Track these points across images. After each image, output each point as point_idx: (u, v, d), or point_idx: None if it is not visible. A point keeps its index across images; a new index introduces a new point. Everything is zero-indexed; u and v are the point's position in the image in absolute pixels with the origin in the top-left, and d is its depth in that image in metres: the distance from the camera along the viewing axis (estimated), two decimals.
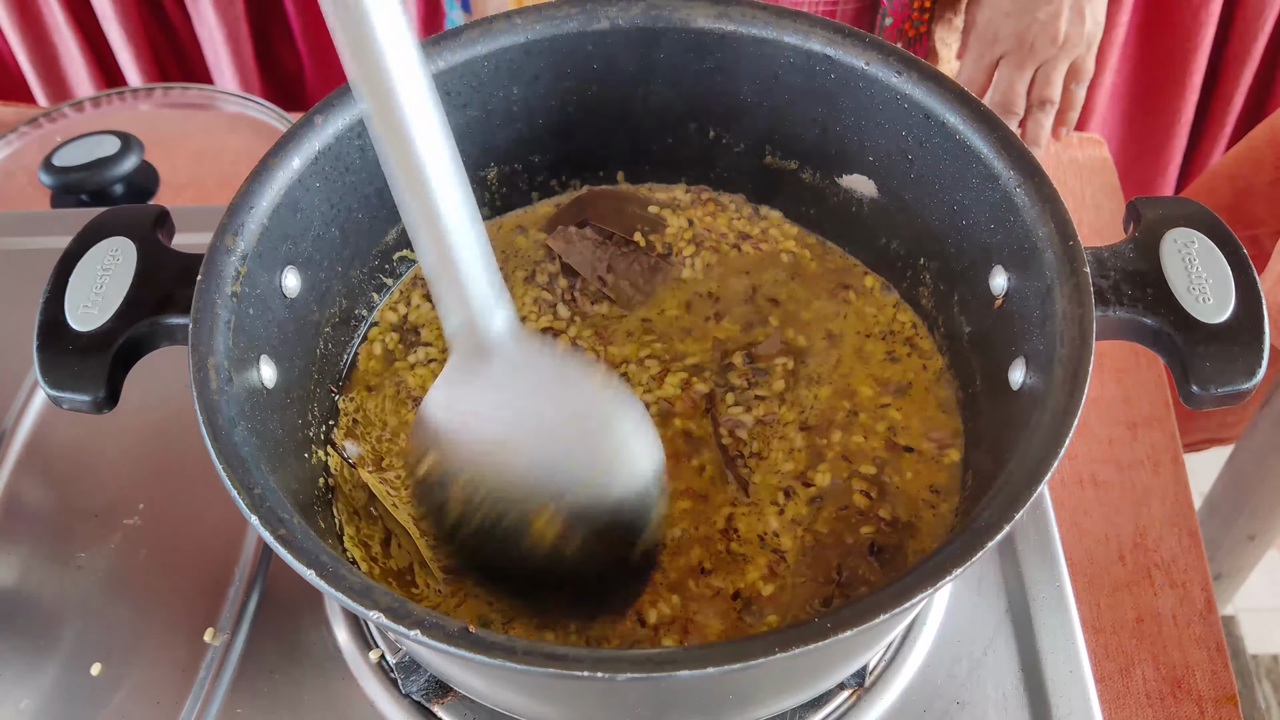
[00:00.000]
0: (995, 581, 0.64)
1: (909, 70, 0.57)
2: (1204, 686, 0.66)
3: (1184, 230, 0.52)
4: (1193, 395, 0.49)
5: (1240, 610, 1.61)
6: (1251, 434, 1.09)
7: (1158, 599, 0.70)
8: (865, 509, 0.56)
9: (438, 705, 0.59)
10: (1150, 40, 1.43)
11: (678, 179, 0.69)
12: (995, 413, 0.54)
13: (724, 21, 0.60)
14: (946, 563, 0.42)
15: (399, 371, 0.63)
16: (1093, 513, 0.74)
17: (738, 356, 0.62)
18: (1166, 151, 1.53)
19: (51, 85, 1.56)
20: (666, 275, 0.66)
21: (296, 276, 0.56)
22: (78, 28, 1.48)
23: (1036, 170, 0.52)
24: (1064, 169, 0.95)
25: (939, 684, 0.60)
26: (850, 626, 0.41)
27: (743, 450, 0.59)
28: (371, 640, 0.61)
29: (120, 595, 0.64)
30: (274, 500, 0.45)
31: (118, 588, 0.64)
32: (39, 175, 0.88)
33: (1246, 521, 1.15)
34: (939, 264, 0.61)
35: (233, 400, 0.48)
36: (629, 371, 0.62)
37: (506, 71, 0.61)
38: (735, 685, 0.49)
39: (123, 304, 0.51)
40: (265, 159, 0.54)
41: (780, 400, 0.60)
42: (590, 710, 0.53)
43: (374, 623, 0.44)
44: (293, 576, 0.43)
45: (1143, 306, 0.50)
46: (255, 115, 0.98)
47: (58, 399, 0.50)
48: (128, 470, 0.69)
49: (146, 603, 0.64)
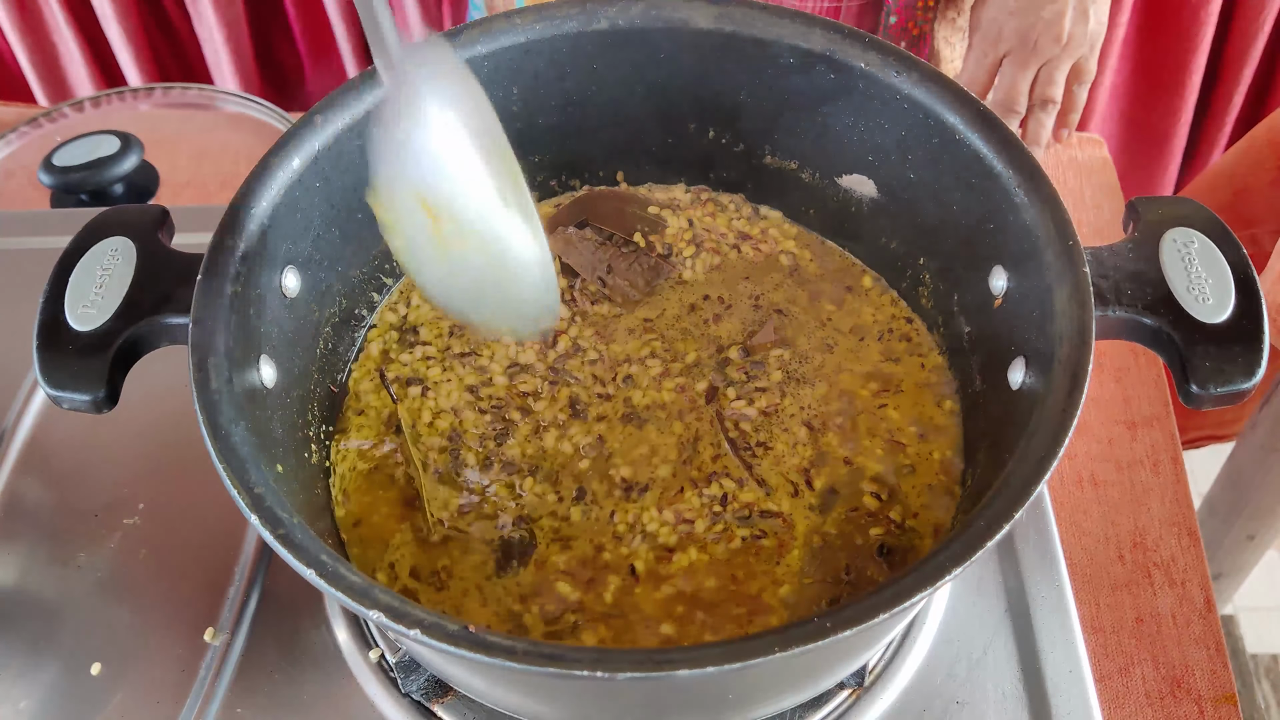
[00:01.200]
0: (995, 581, 0.64)
1: (908, 70, 0.57)
2: (1203, 686, 0.66)
3: (1183, 230, 0.52)
4: (1192, 395, 0.49)
5: (1239, 610, 1.61)
6: (1251, 433, 1.09)
7: (1157, 598, 0.70)
8: (875, 510, 0.56)
9: (437, 705, 0.59)
10: (1150, 40, 1.43)
11: (677, 179, 0.70)
12: (995, 412, 0.55)
13: (723, 22, 0.60)
14: (946, 563, 0.42)
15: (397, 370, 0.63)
16: (1092, 512, 0.74)
17: (734, 351, 0.62)
18: (1166, 151, 1.53)
19: (51, 85, 1.56)
20: (667, 276, 0.66)
21: (296, 276, 0.56)
22: (78, 27, 1.47)
23: (1036, 170, 0.52)
24: (1064, 169, 0.95)
25: (938, 683, 0.60)
26: (850, 626, 0.41)
27: (749, 441, 0.59)
28: (371, 640, 0.61)
29: (120, 595, 0.64)
30: (274, 500, 0.45)
31: (117, 588, 0.64)
32: (39, 175, 0.88)
33: (1246, 521, 1.15)
34: (938, 264, 0.61)
35: (232, 400, 0.48)
36: (631, 371, 0.62)
37: (506, 71, 0.61)
38: (735, 684, 0.49)
39: (122, 304, 0.51)
40: (265, 159, 0.54)
41: (780, 392, 0.61)
42: (590, 710, 0.53)
43: (374, 622, 0.44)
44: (293, 576, 0.43)
45: (1142, 306, 0.50)
46: (255, 115, 0.98)
47: (57, 399, 0.50)
48: (127, 470, 0.69)
49: (146, 603, 0.64)
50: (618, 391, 0.61)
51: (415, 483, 0.58)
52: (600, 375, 0.62)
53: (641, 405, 0.60)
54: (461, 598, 0.55)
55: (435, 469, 0.58)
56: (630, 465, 0.58)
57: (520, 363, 0.62)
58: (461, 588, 0.55)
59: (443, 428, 0.60)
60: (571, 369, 0.62)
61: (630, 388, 0.61)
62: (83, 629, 0.63)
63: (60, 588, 0.64)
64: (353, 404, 0.61)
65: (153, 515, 0.67)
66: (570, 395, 0.61)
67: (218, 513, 0.66)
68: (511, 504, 0.57)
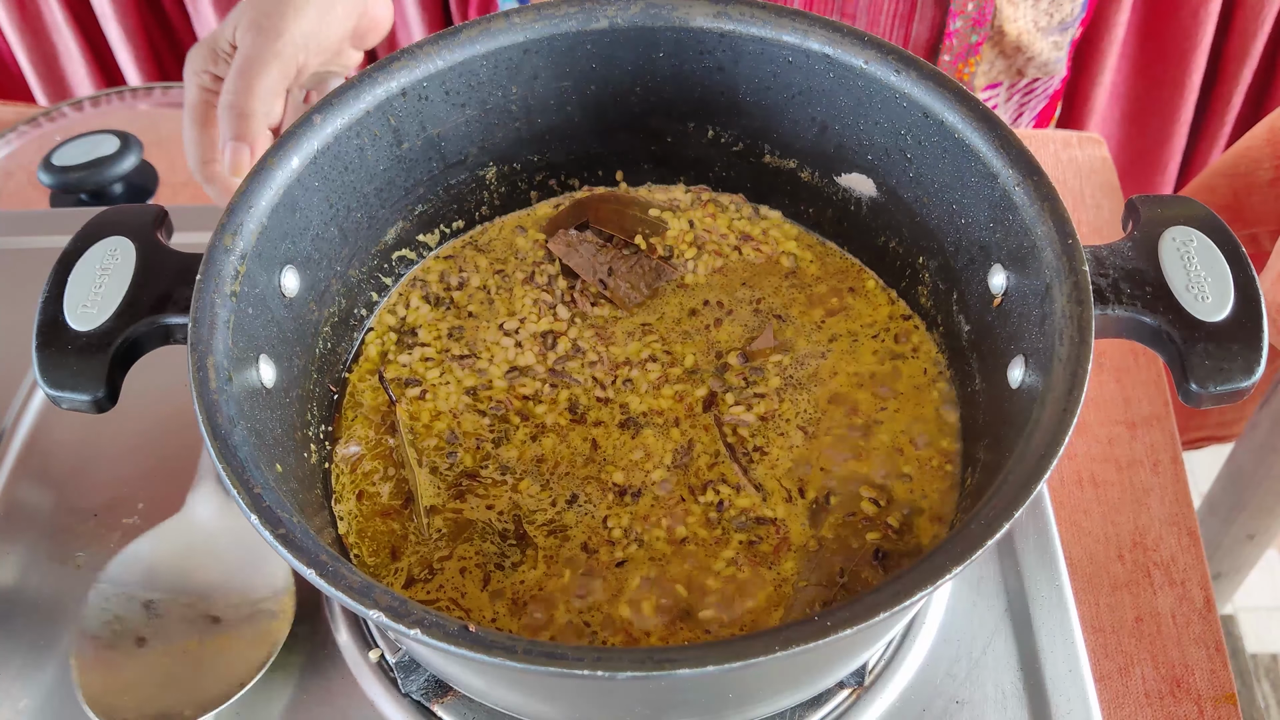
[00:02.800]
0: (995, 581, 0.64)
1: (908, 69, 0.57)
2: (1203, 686, 0.66)
3: (1183, 229, 0.52)
4: (1191, 394, 0.49)
5: (1239, 609, 1.61)
6: (1251, 433, 1.09)
7: (1157, 598, 0.70)
8: (874, 515, 0.56)
9: (437, 705, 0.59)
10: (1149, 39, 1.43)
11: (677, 178, 0.70)
12: (994, 411, 0.54)
13: (723, 20, 0.60)
14: (945, 562, 0.42)
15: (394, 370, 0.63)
16: (1092, 512, 0.74)
17: (733, 356, 0.62)
18: (1165, 150, 1.53)
19: (51, 84, 1.56)
20: (668, 278, 0.66)
21: (295, 276, 0.56)
22: (77, 27, 1.48)
23: (1035, 169, 0.52)
24: (1063, 168, 0.95)
25: (938, 683, 0.60)
26: (849, 625, 0.41)
27: (747, 447, 0.59)
28: (371, 640, 0.61)
29: None
30: (274, 500, 0.45)
31: None
32: (38, 174, 0.88)
33: (1246, 521, 1.15)
34: (938, 263, 0.61)
35: (232, 400, 0.48)
36: (630, 375, 0.62)
37: (505, 71, 0.61)
38: (735, 684, 0.49)
39: (122, 303, 0.51)
40: (264, 158, 0.54)
41: (779, 398, 0.61)
42: (590, 709, 0.53)
43: (374, 622, 0.44)
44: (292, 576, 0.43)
45: (1141, 305, 0.50)
46: None
47: (57, 399, 0.50)
48: (127, 470, 0.69)
49: None
50: (616, 395, 0.61)
51: (411, 483, 0.58)
52: (600, 378, 0.62)
53: (639, 410, 0.60)
54: (458, 598, 0.55)
55: (432, 470, 0.58)
56: (626, 469, 0.58)
57: (520, 365, 0.62)
58: (456, 588, 0.55)
59: (441, 429, 0.60)
60: (571, 371, 0.62)
61: (629, 392, 0.61)
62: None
63: (60, 588, 0.64)
64: (351, 404, 0.62)
65: (153, 515, 0.67)
66: (570, 398, 0.61)
67: None
68: (507, 506, 0.57)
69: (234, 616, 0.57)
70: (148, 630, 0.57)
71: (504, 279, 0.66)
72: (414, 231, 0.65)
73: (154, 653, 0.56)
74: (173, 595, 0.58)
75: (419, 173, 0.63)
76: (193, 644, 0.56)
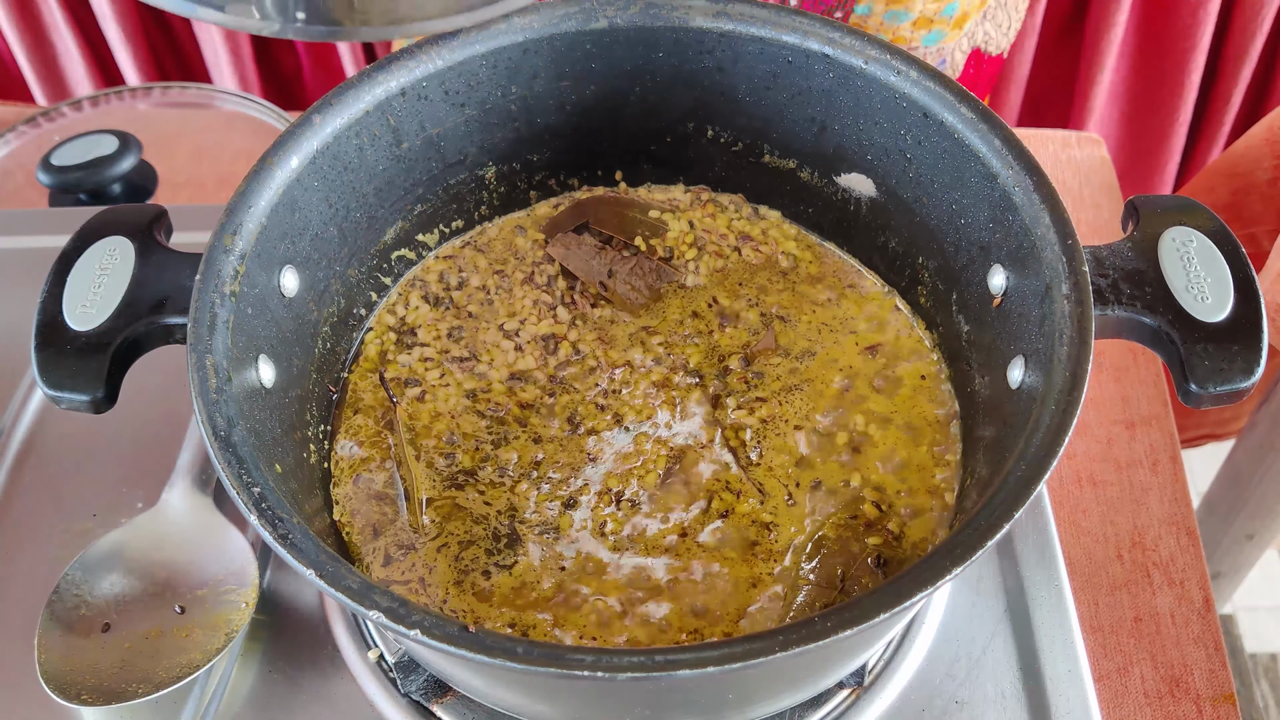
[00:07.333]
0: (994, 581, 0.64)
1: (907, 69, 0.57)
2: (1202, 685, 0.66)
3: (1182, 229, 0.52)
4: (1191, 394, 0.49)
5: (1238, 609, 1.61)
6: (1250, 433, 1.09)
7: (1156, 598, 0.70)
8: (874, 518, 0.56)
9: (437, 705, 0.59)
10: (1148, 39, 1.43)
11: (676, 178, 0.69)
12: (994, 412, 0.55)
13: (722, 20, 0.60)
14: (945, 563, 0.42)
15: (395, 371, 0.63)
16: (1091, 512, 0.74)
17: (734, 360, 0.62)
18: (1165, 150, 1.53)
19: (50, 84, 1.56)
20: (669, 280, 0.66)
21: (295, 276, 0.56)
22: (76, 27, 1.47)
23: (1035, 169, 0.52)
24: (1063, 168, 0.95)
25: (938, 683, 0.60)
26: (849, 626, 0.41)
27: (748, 450, 0.59)
28: (371, 640, 0.61)
29: None
30: (274, 500, 0.45)
31: None
32: (37, 174, 0.88)
33: (1245, 520, 1.15)
34: (937, 263, 0.61)
35: (231, 400, 0.48)
36: (632, 379, 0.62)
37: (505, 71, 0.61)
38: (735, 684, 0.49)
39: (121, 303, 0.51)
40: (263, 158, 0.54)
41: (780, 401, 0.60)
42: (590, 710, 0.53)
43: (374, 622, 0.44)
44: (292, 576, 0.43)
45: (1141, 305, 0.50)
46: (254, 114, 0.97)
47: (56, 399, 0.50)
48: (127, 470, 0.69)
49: None
50: (617, 401, 0.61)
51: (407, 482, 0.58)
52: (601, 383, 0.62)
53: (640, 414, 0.60)
54: (455, 598, 0.55)
55: (430, 470, 0.58)
56: (625, 473, 0.58)
57: (520, 368, 0.62)
58: (452, 588, 0.55)
59: (440, 430, 0.60)
60: (571, 376, 0.62)
61: (630, 396, 0.61)
62: None
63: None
64: (351, 404, 0.61)
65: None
66: (569, 402, 0.61)
67: None
68: (505, 507, 0.57)
69: (198, 607, 0.59)
70: (113, 617, 0.59)
71: (503, 279, 0.66)
72: (413, 231, 0.65)
73: (117, 638, 0.58)
74: (141, 585, 0.60)
75: (418, 173, 0.63)
76: (154, 631, 0.58)
